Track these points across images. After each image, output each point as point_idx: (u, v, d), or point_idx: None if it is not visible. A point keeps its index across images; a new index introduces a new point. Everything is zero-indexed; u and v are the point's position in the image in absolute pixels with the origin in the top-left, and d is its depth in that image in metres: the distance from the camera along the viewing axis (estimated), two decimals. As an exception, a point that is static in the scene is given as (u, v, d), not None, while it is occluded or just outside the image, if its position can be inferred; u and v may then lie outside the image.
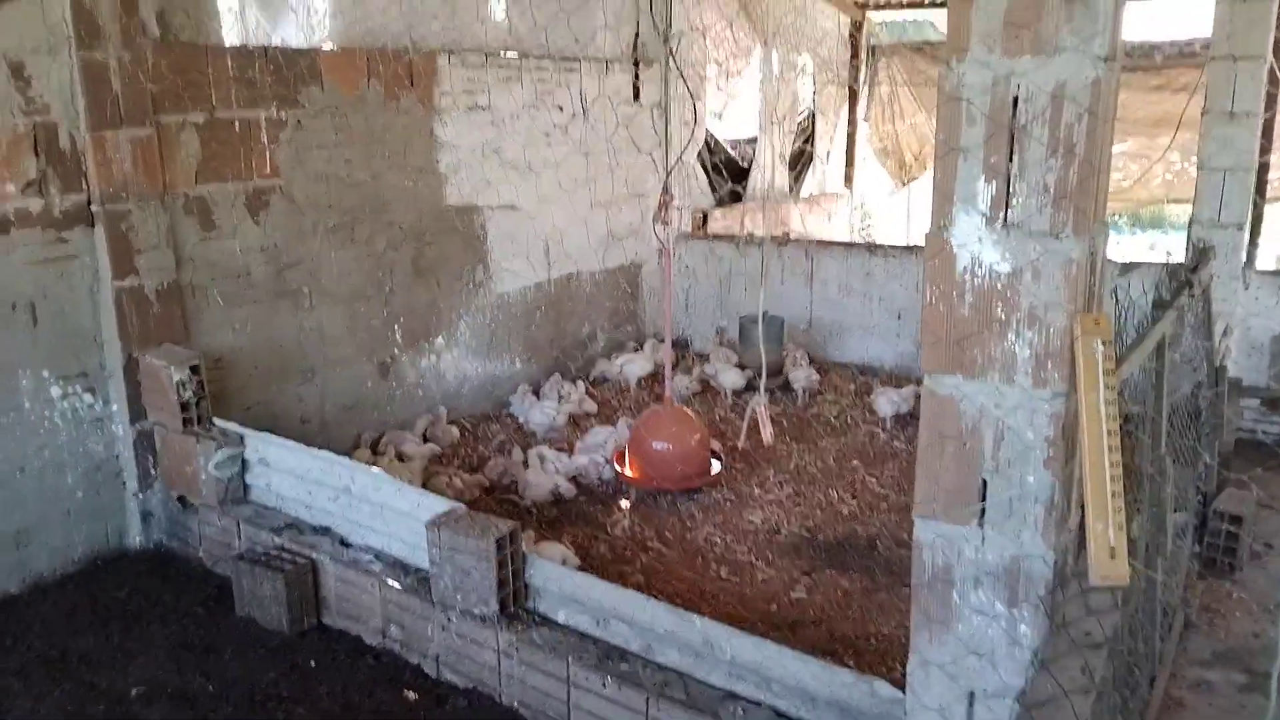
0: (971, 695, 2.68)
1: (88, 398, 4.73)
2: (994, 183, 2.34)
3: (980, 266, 2.40)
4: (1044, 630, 2.50)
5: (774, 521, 5.40)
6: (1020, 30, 2.25)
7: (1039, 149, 2.28)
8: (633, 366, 7.57)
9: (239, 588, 4.35)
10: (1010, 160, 2.31)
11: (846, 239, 10.75)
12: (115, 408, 4.83)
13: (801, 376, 7.38)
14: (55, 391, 4.60)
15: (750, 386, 7.48)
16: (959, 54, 2.31)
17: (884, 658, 4.05)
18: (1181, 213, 8.48)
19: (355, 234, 5.89)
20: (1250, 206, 6.34)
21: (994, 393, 2.46)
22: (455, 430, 6.42)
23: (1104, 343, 2.35)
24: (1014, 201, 2.33)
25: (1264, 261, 8.04)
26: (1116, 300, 3.51)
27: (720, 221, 8.98)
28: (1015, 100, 2.28)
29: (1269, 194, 7.78)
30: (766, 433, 5.81)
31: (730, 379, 7.41)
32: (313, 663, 4.04)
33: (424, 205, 6.31)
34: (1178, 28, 10.03)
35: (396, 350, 6.31)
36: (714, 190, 9.15)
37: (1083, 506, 2.35)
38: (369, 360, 6.14)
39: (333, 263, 5.78)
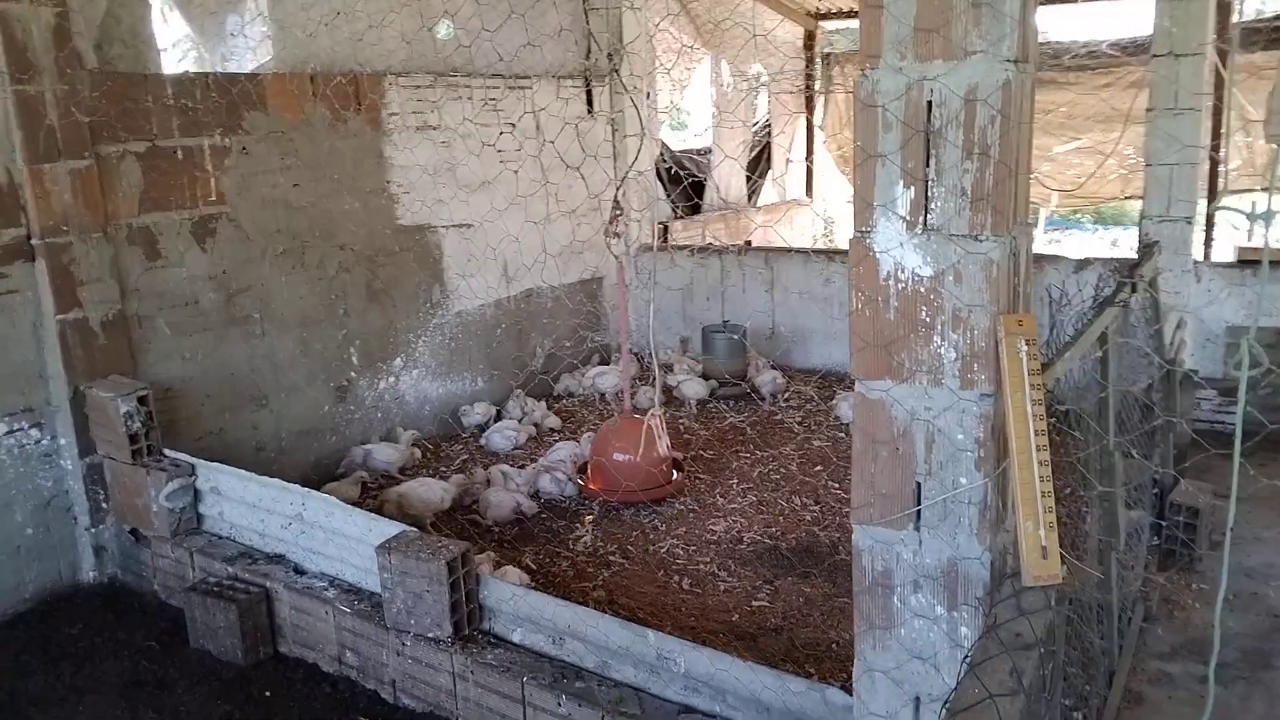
0: (917, 700, 2.68)
1: (34, 433, 4.67)
2: (912, 188, 2.35)
3: (903, 271, 2.41)
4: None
5: (737, 530, 5.39)
6: (930, 35, 2.27)
7: (954, 152, 2.29)
8: (603, 380, 7.56)
9: (192, 620, 4.29)
10: (927, 165, 2.32)
11: (808, 246, 10.82)
12: (63, 442, 4.76)
13: (767, 381, 7.40)
14: (0, 428, 4.53)
15: (714, 395, 7.51)
16: (872, 61, 2.33)
17: (845, 664, 4.02)
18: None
19: (306, 258, 5.85)
20: (1199, 200, 6.42)
21: (923, 396, 2.47)
22: (416, 450, 6.38)
23: (1028, 342, 2.37)
24: (933, 205, 2.34)
25: (1221, 254, 8.17)
26: (1053, 299, 3.54)
27: (680, 233, 9.01)
28: (929, 105, 2.29)
29: (1224, 186, 7.90)
30: (662, 444, 5.77)
31: (693, 389, 7.41)
32: (268, 693, 3.99)
33: (376, 227, 6.28)
34: (1124, 25, 10.20)
35: (354, 373, 6.27)
36: (671, 202, 9.18)
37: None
38: (325, 384, 6.09)
39: (283, 288, 5.74)
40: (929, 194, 2.35)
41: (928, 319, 2.41)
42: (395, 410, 6.56)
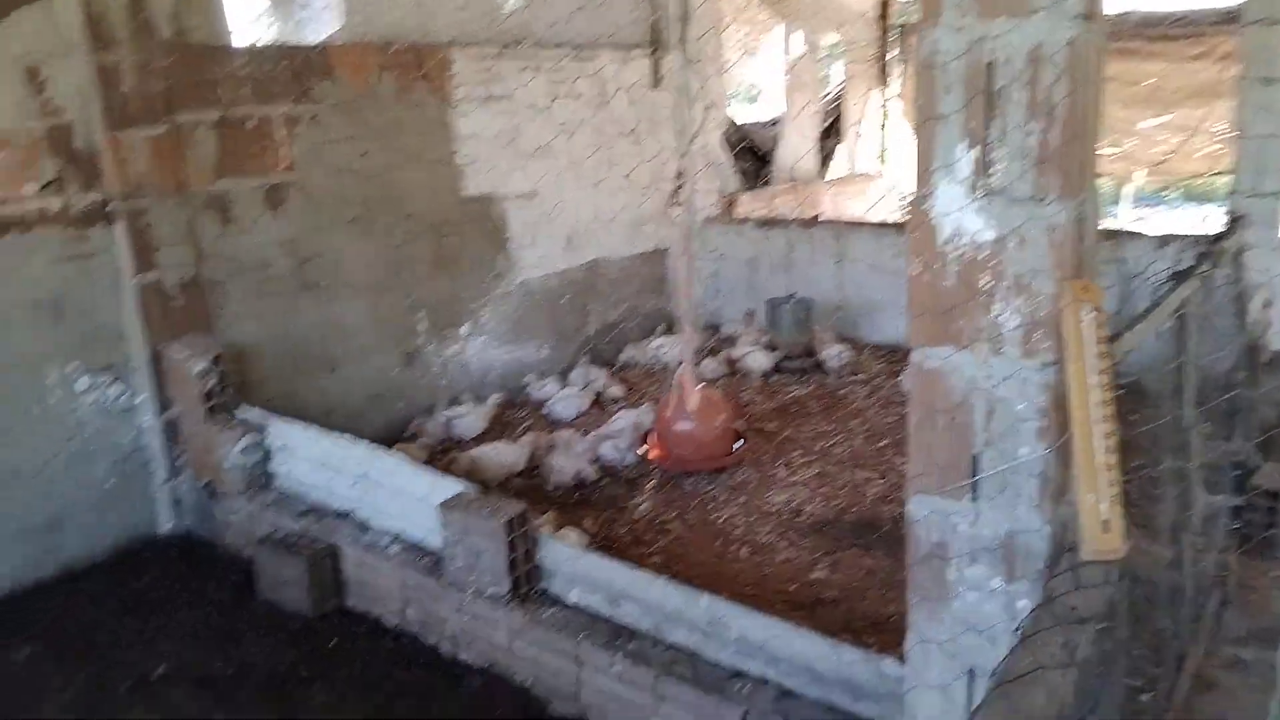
0: (971, 672, 2.64)
1: (115, 390, 4.86)
2: (974, 149, 2.29)
3: (963, 236, 2.35)
4: (1043, 606, 2.45)
5: (797, 502, 5.36)
6: (994, -8, 2.20)
7: (1019, 113, 2.22)
8: (666, 350, 7.57)
9: (262, 573, 4.44)
10: (988, 126, 2.26)
11: (880, 219, 10.62)
12: (142, 399, 4.95)
13: (833, 354, 7.33)
14: (83, 384, 4.73)
15: (779, 369, 7.46)
16: (933, 20, 2.27)
17: (903, 637, 3.99)
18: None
19: (374, 227, 5.95)
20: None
21: (982, 364, 2.41)
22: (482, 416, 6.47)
23: (1095, 310, 2.29)
24: (995, 167, 2.27)
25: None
26: (1129, 273, 3.43)
27: (747, 205, 8.92)
28: (992, 65, 2.22)
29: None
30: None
31: (758, 361, 7.37)
32: (333, 645, 4.12)
33: (441, 196, 6.36)
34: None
35: (420, 340, 6.38)
36: (740, 174, 9.09)
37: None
38: (393, 350, 6.21)
39: (352, 255, 5.86)
40: (991, 156, 2.28)
41: (988, 285, 2.35)
42: (461, 377, 6.66)
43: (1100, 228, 2.52)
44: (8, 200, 4.40)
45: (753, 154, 9.26)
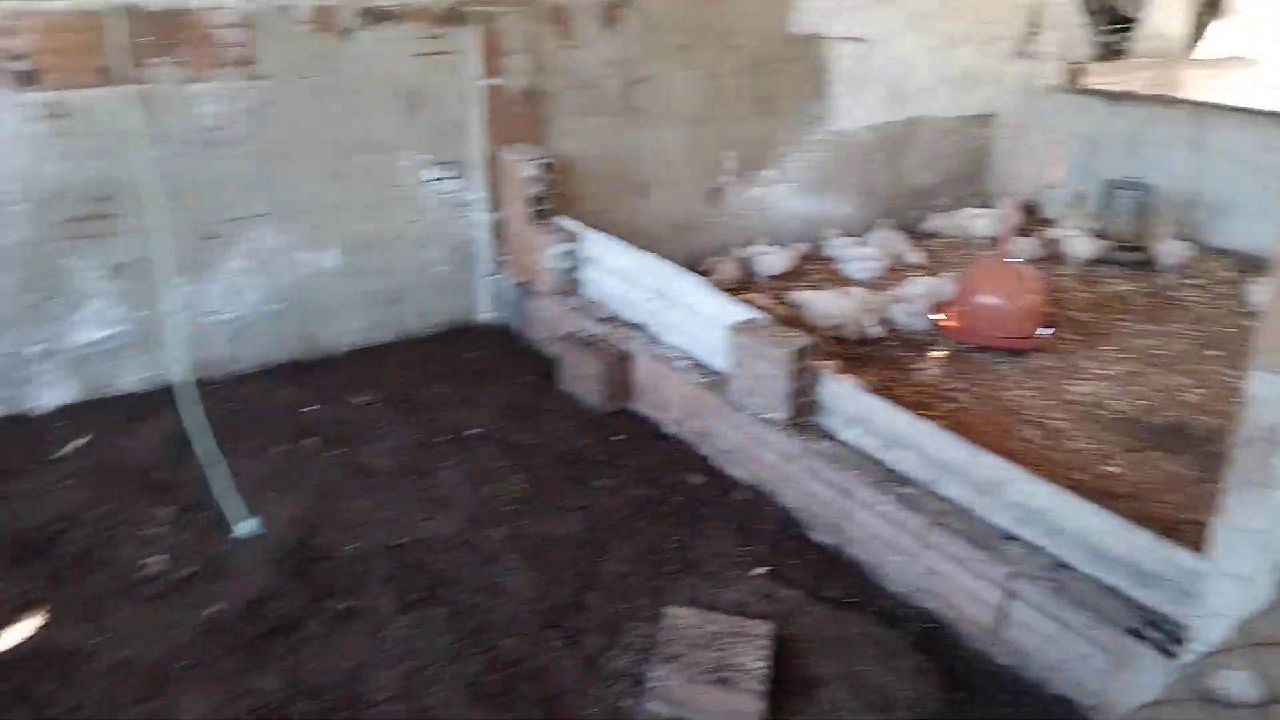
0: (1282, 568, 2.41)
1: (455, 184, 5.34)
2: None
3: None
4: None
5: (1100, 396, 5.00)
6: None
7: None
8: (977, 223, 7.17)
9: (562, 366, 4.83)
10: None
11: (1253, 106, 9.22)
12: (477, 196, 5.41)
13: (1171, 251, 6.62)
14: (429, 175, 5.23)
15: (1104, 259, 6.85)
16: None
17: (1195, 547, 3.70)
18: None
19: (700, 55, 5.99)
20: None
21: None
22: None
23: None
24: None
25: None
26: None
27: (1097, 76, 8.04)
28: None
29: None
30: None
31: (1081, 246, 6.80)
32: (617, 438, 4.45)
33: (769, 32, 6.25)
34: None
35: (727, 178, 6.44)
36: (1094, 40, 8.17)
37: None
38: (700, 184, 6.33)
39: (677, 83, 5.95)
40: None
41: None
42: (760, 221, 6.68)
43: None
44: (382, -8, 4.83)
45: (1113, 18, 8.26)
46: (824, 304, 5.58)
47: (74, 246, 4.38)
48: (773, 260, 6.34)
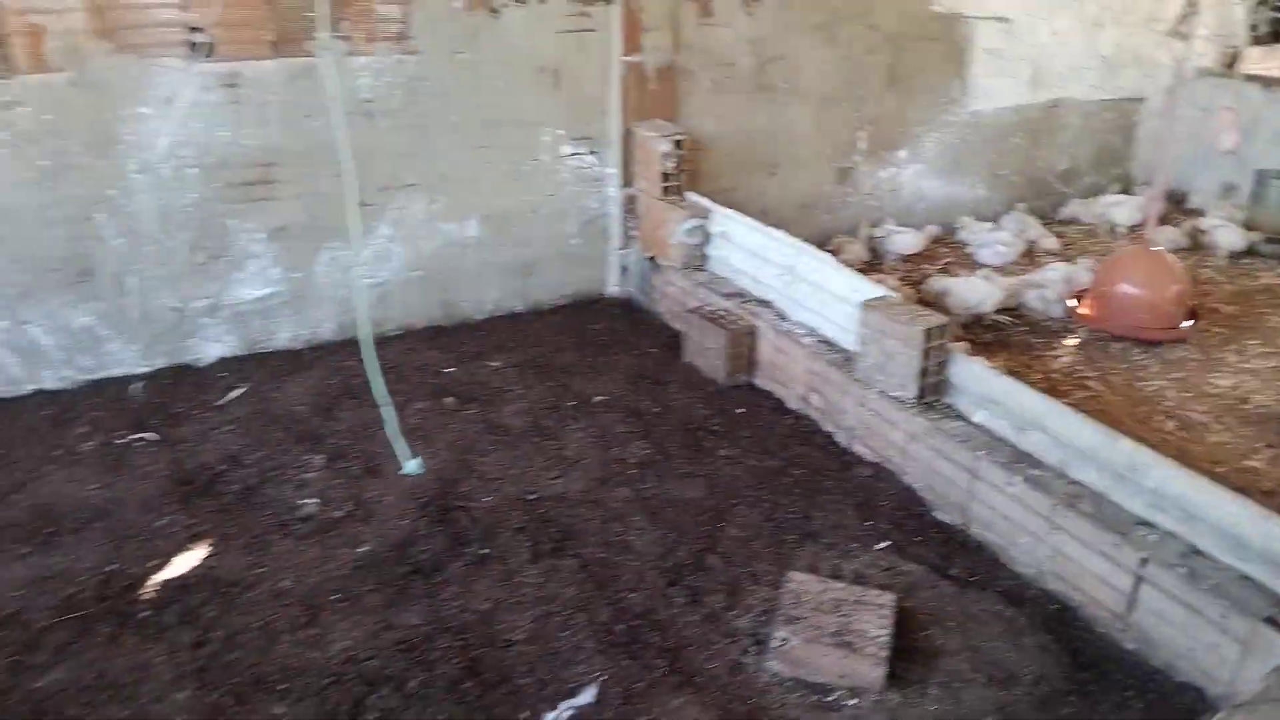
0: None
1: (590, 159, 5.47)
2: None
3: None
4: None
5: (1245, 390, 4.82)
6: None
7: None
8: (1117, 210, 6.93)
9: (688, 339, 4.93)
10: None
11: None
12: (610, 171, 5.54)
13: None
14: (566, 150, 5.38)
15: (1253, 250, 6.53)
16: None
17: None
18: None
19: (836, 34, 5.96)
20: None
21: None
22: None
23: None
24: None
25: None
26: None
27: (1254, 62, 7.63)
28: None
29: None
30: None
31: (1227, 237, 6.51)
32: (740, 411, 4.51)
33: (908, 10, 6.17)
34: None
35: (858, 157, 6.40)
36: (1253, 25, 7.73)
37: None
38: (829, 163, 6.31)
39: (810, 62, 5.94)
40: None
41: None
42: (890, 202, 6.62)
43: None
44: (532, -29, 4.99)
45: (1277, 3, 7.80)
46: (967, 290, 5.49)
47: (238, 210, 4.69)
48: (904, 241, 6.28)
